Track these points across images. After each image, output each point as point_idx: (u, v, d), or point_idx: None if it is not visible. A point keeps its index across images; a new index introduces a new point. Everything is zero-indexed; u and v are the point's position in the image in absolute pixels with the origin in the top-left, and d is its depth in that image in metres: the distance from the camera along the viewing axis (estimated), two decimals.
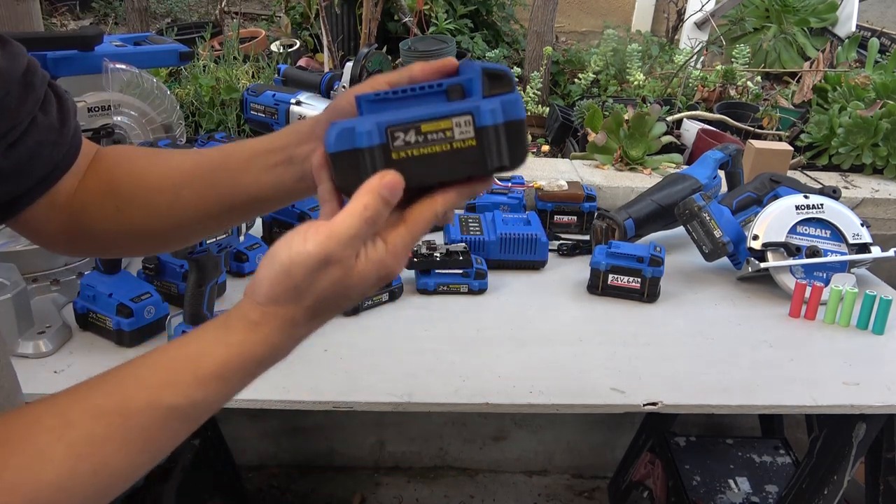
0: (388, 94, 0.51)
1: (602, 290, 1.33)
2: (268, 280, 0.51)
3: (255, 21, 3.22)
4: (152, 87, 1.47)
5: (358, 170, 0.50)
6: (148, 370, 0.51)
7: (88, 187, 0.65)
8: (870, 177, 1.95)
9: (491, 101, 0.48)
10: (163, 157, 0.67)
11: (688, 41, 3.05)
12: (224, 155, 0.64)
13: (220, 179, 0.63)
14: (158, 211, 0.65)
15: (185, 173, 0.64)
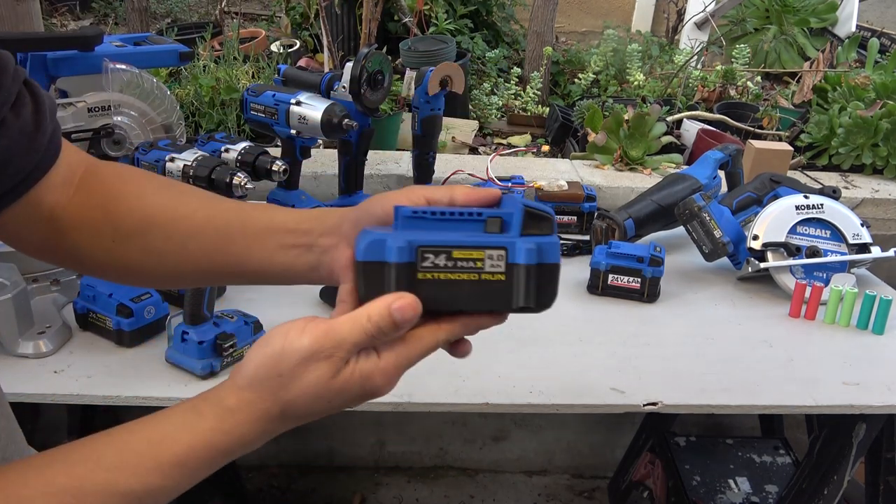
0: (426, 213, 0.50)
1: (602, 290, 1.33)
2: (254, 363, 0.50)
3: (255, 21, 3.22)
4: (152, 87, 1.47)
5: (382, 282, 0.49)
6: (110, 449, 0.49)
7: (82, 207, 0.61)
8: (870, 177, 1.95)
9: (528, 241, 0.48)
10: (173, 198, 0.63)
11: (688, 41, 3.05)
12: (241, 219, 0.61)
13: (231, 245, 0.61)
14: (159, 255, 0.62)
15: (196, 225, 0.61)
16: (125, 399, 0.99)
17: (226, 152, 1.25)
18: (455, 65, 1.47)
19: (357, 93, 1.36)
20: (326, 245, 0.58)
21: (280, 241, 0.59)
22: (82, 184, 0.62)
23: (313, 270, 0.60)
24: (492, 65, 2.58)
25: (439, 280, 0.49)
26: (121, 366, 1.05)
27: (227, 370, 1.04)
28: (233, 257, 0.61)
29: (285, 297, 1.26)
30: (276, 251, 0.59)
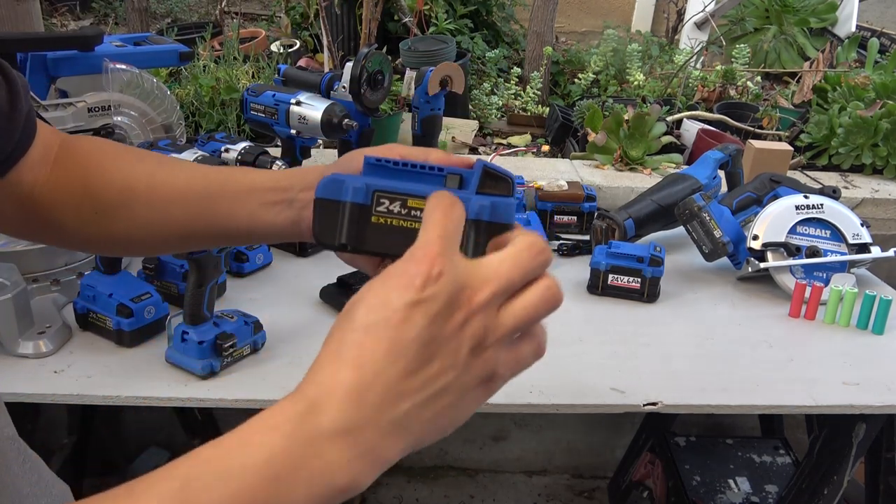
0: (390, 163, 0.51)
1: (602, 290, 1.33)
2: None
3: (255, 21, 3.22)
4: (152, 87, 1.47)
5: (335, 221, 0.50)
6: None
7: (61, 183, 0.61)
8: (870, 177, 1.95)
9: (482, 198, 0.48)
10: (152, 166, 0.63)
11: (688, 41, 3.05)
12: (222, 181, 0.61)
13: (214, 207, 0.61)
14: (143, 223, 0.62)
15: (177, 190, 0.61)
16: (125, 399, 0.99)
17: (226, 152, 1.25)
18: (455, 65, 1.47)
19: (357, 93, 1.36)
20: (306, 199, 0.58)
21: (261, 199, 0.60)
22: (59, 160, 0.62)
23: (294, 225, 0.60)
24: (492, 65, 2.58)
25: (392, 226, 0.49)
26: (121, 366, 1.05)
27: (227, 370, 1.04)
28: (216, 219, 0.61)
29: (285, 297, 1.26)
30: (258, 209, 0.60)
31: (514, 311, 0.42)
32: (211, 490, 0.36)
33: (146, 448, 1.93)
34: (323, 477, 0.38)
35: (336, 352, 0.40)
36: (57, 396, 0.99)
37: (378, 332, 0.39)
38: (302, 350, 1.10)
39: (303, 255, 1.41)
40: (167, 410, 1.78)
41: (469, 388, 0.43)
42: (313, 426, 0.38)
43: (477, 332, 0.41)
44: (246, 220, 0.60)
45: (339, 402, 0.38)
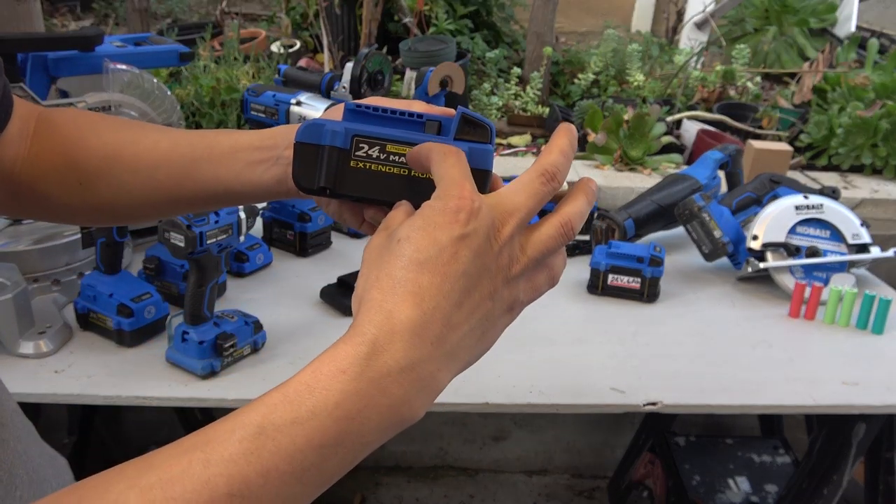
0: (370, 109, 0.51)
1: (602, 290, 1.33)
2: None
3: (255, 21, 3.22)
4: (153, 87, 1.47)
5: (315, 165, 0.50)
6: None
7: (42, 156, 0.61)
8: (869, 177, 1.95)
9: (460, 144, 0.48)
10: (134, 133, 0.63)
11: (688, 41, 3.06)
12: (207, 143, 0.61)
13: (198, 169, 0.60)
14: (129, 189, 0.61)
15: (161, 155, 0.61)
16: (125, 399, 0.99)
17: None
18: (455, 65, 1.47)
19: (357, 93, 1.36)
20: (291, 156, 0.57)
21: (247, 159, 0.59)
22: (38, 134, 0.62)
23: (281, 183, 0.59)
24: (492, 65, 2.58)
25: (370, 170, 0.50)
26: (121, 366, 1.05)
27: (227, 370, 1.04)
28: (202, 181, 0.60)
29: (285, 297, 1.26)
30: (244, 169, 0.59)
31: (535, 243, 0.45)
32: (285, 434, 0.38)
33: (146, 448, 1.92)
34: (390, 411, 0.40)
35: (391, 289, 0.41)
36: (57, 396, 0.99)
37: (432, 268, 0.41)
38: (302, 350, 1.10)
39: (303, 255, 1.41)
40: (167, 410, 1.78)
41: (499, 315, 0.46)
42: (378, 367, 0.40)
43: (506, 263, 0.44)
44: (232, 180, 0.60)
45: (402, 342, 0.41)
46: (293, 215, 1.39)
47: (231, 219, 1.03)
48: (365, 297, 0.43)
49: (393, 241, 0.43)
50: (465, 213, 0.42)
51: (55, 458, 0.65)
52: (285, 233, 1.42)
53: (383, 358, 0.40)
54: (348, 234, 1.52)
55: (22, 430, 0.59)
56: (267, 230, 1.45)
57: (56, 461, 0.64)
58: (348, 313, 1.21)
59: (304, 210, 1.38)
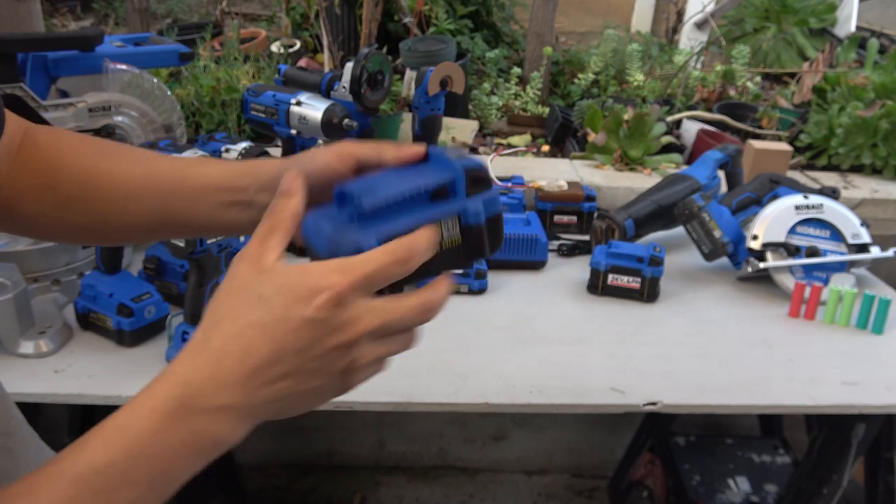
0: (378, 207, 0.50)
1: (602, 290, 1.33)
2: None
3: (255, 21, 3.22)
4: (153, 87, 1.47)
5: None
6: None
7: (23, 176, 0.61)
8: (869, 177, 1.95)
9: (474, 202, 0.50)
10: (111, 161, 0.63)
11: (687, 41, 3.06)
12: (179, 177, 0.61)
13: (171, 205, 0.61)
14: (104, 215, 0.62)
15: (135, 184, 0.62)
16: (125, 399, 0.98)
17: (226, 152, 1.25)
18: (455, 65, 1.47)
19: (357, 93, 1.36)
20: (264, 201, 0.58)
21: (218, 199, 0.60)
22: (21, 152, 0.62)
23: (254, 224, 0.58)
24: (492, 65, 2.58)
25: None
26: (121, 365, 1.05)
27: None
28: (175, 216, 0.61)
29: None
30: (217, 209, 0.60)
31: (385, 342, 0.48)
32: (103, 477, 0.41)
33: None
34: (198, 449, 0.44)
35: (228, 337, 0.44)
36: (57, 396, 0.99)
37: (272, 336, 0.44)
38: None
39: (303, 254, 1.41)
40: None
41: (331, 389, 0.47)
42: (191, 407, 0.43)
43: (350, 355, 0.46)
44: (206, 218, 0.61)
45: (220, 390, 0.44)
46: None
47: None
48: (207, 329, 0.45)
49: (254, 293, 0.45)
50: (327, 303, 0.44)
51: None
52: None
53: (197, 401, 0.43)
54: None
55: (28, 439, 0.59)
56: None
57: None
58: None
59: None
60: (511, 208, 1.56)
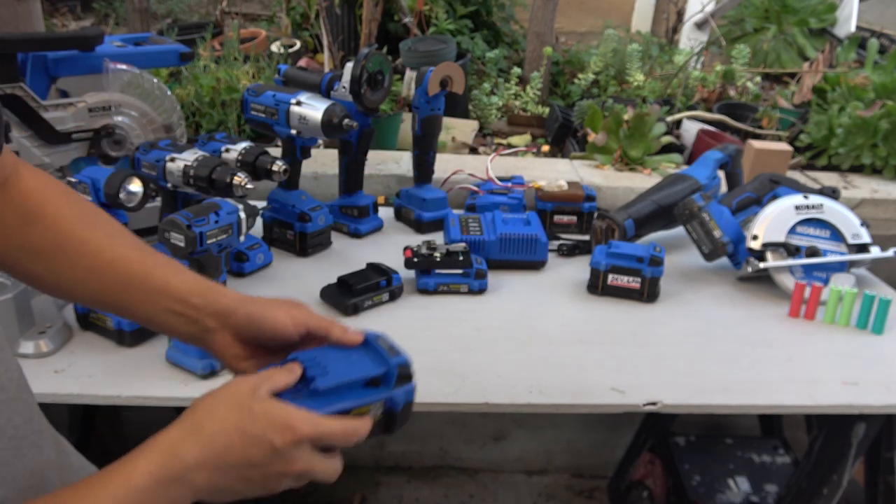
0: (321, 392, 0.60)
1: (602, 290, 1.33)
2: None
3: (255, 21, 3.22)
4: (153, 87, 1.47)
5: None
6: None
7: (2, 215, 0.64)
8: (869, 177, 1.95)
9: (398, 393, 0.63)
10: (87, 231, 0.67)
11: (688, 41, 3.06)
12: (141, 272, 0.66)
13: (125, 294, 0.66)
14: (58, 279, 0.66)
15: (100, 265, 0.66)
16: (126, 399, 0.99)
17: (226, 152, 1.25)
18: (455, 65, 1.47)
19: (357, 93, 1.36)
20: (210, 326, 0.67)
21: (168, 306, 0.66)
22: (6, 191, 0.64)
23: (195, 340, 0.68)
24: (492, 65, 2.58)
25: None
26: (121, 365, 1.05)
27: (226, 370, 1.04)
28: (124, 304, 0.68)
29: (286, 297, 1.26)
30: (162, 313, 0.67)
31: (303, 479, 0.59)
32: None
33: None
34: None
35: (212, 436, 0.56)
36: (58, 396, 0.99)
37: (246, 443, 0.55)
38: None
39: (303, 254, 1.41)
40: (168, 410, 1.77)
41: (251, 494, 0.58)
42: (180, 479, 0.54)
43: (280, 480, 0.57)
44: (150, 316, 0.67)
45: (200, 469, 0.54)
46: (293, 215, 1.39)
47: (231, 219, 1.03)
48: (204, 414, 0.58)
49: (247, 407, 0.56)
50: (290, 437, 0.55)
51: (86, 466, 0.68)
52: (285, 233, 1.42)
53: (184, 474, 0.53)
54: (349, 234, 1.52)
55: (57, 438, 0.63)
56: (267, 230, 1.45)
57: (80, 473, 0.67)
58: (348, 313, 1.21)
59: (305, 210, 1.38)
60: (511, 208, 1.56)
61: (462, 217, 1.48)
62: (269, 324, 0.67)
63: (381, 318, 1.23)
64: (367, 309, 1.24)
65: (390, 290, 1.26)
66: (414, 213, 1.55)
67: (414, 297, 1.30)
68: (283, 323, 0.67)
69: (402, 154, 1.88)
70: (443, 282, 1.30)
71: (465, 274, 1.30)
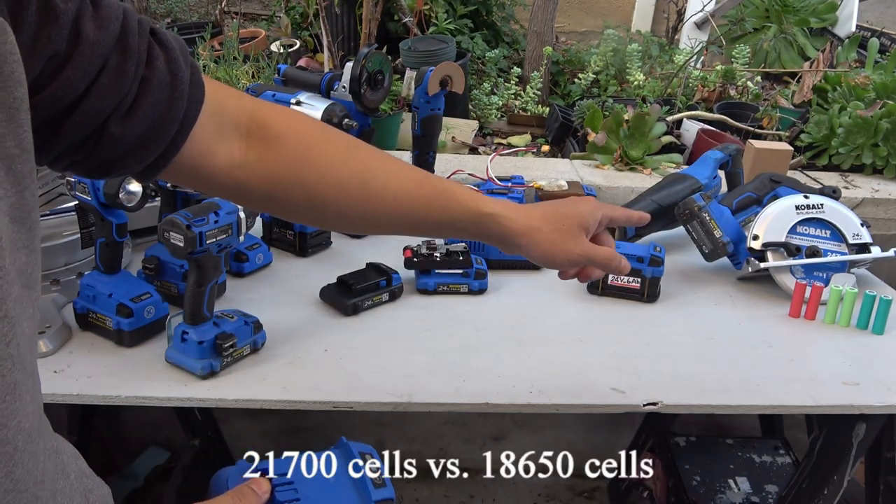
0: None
1: (602, 290, 1.33)
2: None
3: (255, 21, 3.22)
4: None
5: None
6: None
7: (265, 166, 0.65)
8: (870, 177, 1.95)
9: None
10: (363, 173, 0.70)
11: (688, 41, 3.06)
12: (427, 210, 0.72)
13: (416, 228, 0.73)
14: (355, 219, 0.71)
15: (387, 205, 0.70)
16: (125, 399, 0.99)
17: None
18: (455, 65, 1.47)
19: (357, 93, 1.36)
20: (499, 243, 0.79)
21: (458, 235, 0.76)
22: (255, 138, 0.64)
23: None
24: (492, 65, 2.58)
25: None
26: (121, 366, 1.05)
27: (226, 370, 1.04)
28: (418, 233, 0.78)
29: (285, 297, 1.26)
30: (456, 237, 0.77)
31: None
32: None
33: (146, 448, 1.93)
34: None
35: None
36: (57, 396, 0.99)
37: None
38: (302, 350, 1.10)
39: (303, 254, 1.41)
40: (167, 410, 1.78)
41: None
42: None
43: None
44: (444, 237, 0.75)
45: None
46: None
47: (231, 219, 1.02)
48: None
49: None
50: None
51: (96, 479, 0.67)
52: (285, 232, 1.41)
53: None
54: (349, 235, 1.52)
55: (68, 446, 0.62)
56: (267, 230, 1.44)
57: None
58: (348, 313, 1.21)
59: None
60: None
61: None
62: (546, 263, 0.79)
63: (380, 318, 1.22)
64: (367, 309, 1.23)
65: (390, 291, 1.26)
66: None
67: (414, 298, 1.30)
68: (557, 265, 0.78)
69: (402, 154, 1.87)
70: (443, 282, 1.30)
71: (465, 274, 1.30)
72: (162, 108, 0.56)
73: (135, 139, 0.55)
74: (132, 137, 0.55)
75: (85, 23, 0.49)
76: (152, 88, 0.55)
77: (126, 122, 0.54)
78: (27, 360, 0.45)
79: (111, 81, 0.52)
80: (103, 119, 0.53)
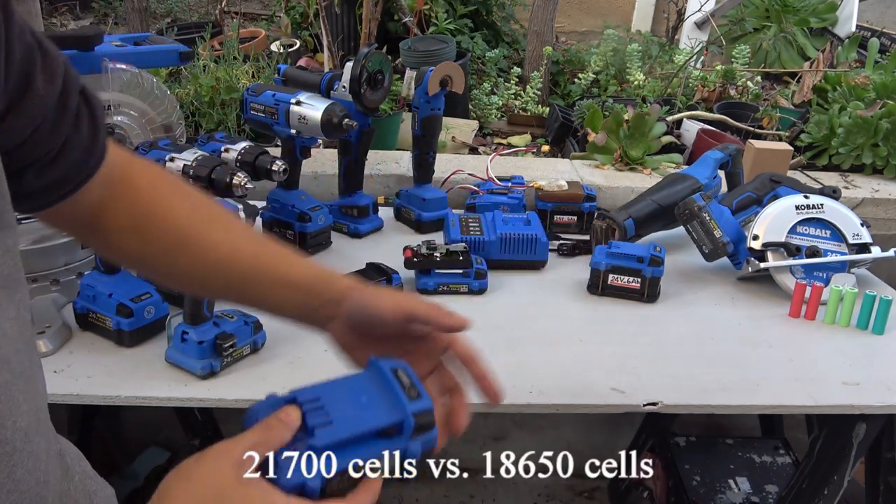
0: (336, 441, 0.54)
1: (602, 290, 1.33)
2: None
3: (255, 21, 3.22)
4: (152, 86, 1.47)
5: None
6: None
7: (118, 215, 0.64)
8: (870, 177, 1.95)
9: (415, 444, 0.57)
10: (203, 225, 0.67)
11: (688, 41, 3.06)
12: (261, 266, 0.67)
13: (247, 289, 0.68)
14: (185, 273, 0.68)
15: (219, 261, 0.67)
16: (125, 399, 0.99)
17: (226, 152, 1.25)
18: (455, 65, 1.47)
19: (357, 92, 1.36)
20: (326, 314, 0.68)
21: (290, 298, 0.68)
22: (118, 189, 0.64)
23: (316, 327, 0.70)
24: (492, 65, 2.58)
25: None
26: (121, 366, 1.05)
27: (226, 370, 1.04)
28: (247, 298, 0.70)
29: None
30: (286, 305, 0.68)
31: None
32: None
33: (146, 448, 1.92)
34: None
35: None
36: (57, 396, 0.99)
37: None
38: (302, 350, 1.10)
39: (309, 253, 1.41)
40: (167, 410, 1.78)
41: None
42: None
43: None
44: (273, 308, 0.69)
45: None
46: (293, 215, 1.39)
47: None
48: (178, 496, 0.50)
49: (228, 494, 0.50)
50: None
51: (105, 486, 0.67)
52: (285, 233, 1.41)
53: None
54: (348, 234, 1.52)
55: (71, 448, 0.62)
56: (267, 230, 1.44)
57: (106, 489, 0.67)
58: None
59: (304, 210, 1.38)
60: (511, 208, 1.56)
61: (462, 217, 1.48)
62: (371, 311, 0.67)
63: None
64: None
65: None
66: (414, 213, 1.55)
67: None
68: (383, 309, 0.66)
69: (401, 154, 1.87)
70: (443, 282, 1.30)
71: (465, 274, 1.30)
72: (76, 166, 0.58)
73: (41, 188, 0.57)
74: (40, 186, 0.57)
75: (35, 73, 0.50)
76: (73, 148, 0.57)
77: (42, 174, 0.56)
78: (14, 361, 0.46)
79: (45, 136, 0.53)
80: (25, 166, 0.54)
